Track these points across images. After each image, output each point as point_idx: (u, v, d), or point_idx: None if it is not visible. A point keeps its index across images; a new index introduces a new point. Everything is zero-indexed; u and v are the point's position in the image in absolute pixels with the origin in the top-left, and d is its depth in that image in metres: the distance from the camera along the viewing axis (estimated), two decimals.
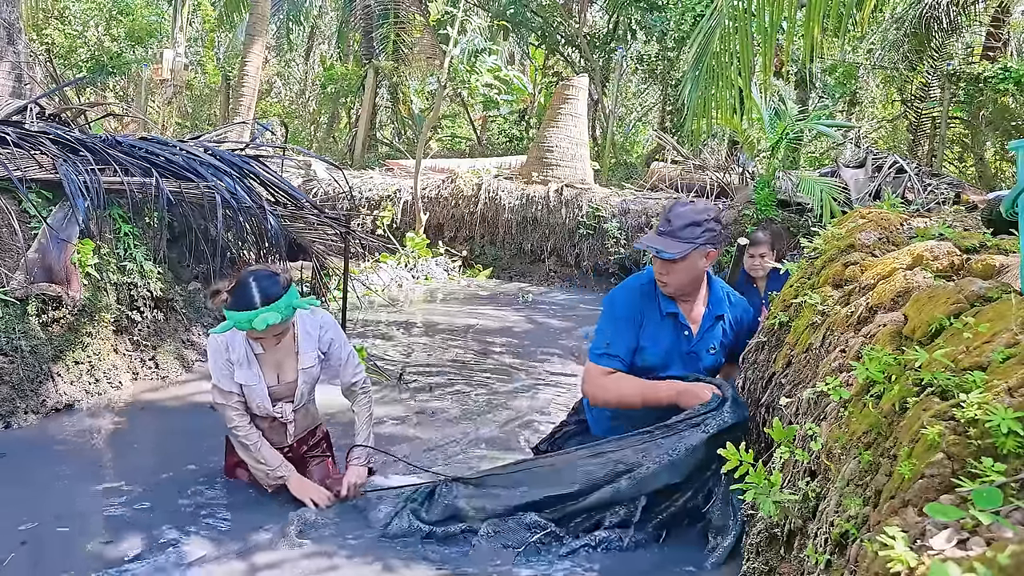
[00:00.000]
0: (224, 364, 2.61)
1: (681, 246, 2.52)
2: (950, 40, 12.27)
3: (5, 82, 4.92)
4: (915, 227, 2.64)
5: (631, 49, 15.33)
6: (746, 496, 1.70)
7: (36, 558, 2.27)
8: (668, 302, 2.68)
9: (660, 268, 2.60)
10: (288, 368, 2.70)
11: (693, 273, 2.62)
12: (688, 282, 2.64)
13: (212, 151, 4.88)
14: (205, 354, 4.49)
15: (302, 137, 18.14)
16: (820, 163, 13.17)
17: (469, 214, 9.77)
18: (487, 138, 15.98)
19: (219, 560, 2.31)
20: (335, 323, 2.83)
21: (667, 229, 2.57)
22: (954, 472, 1.17)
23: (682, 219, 2.55)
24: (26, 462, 2.97)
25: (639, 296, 2.70)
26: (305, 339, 2.72)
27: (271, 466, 2.63)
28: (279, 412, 2.70)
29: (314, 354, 2.73)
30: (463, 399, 4.24)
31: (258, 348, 2.64)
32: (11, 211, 3.65)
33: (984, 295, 1.60)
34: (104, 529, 2.47)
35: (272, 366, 2.67)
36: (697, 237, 2.54)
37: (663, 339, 2.67)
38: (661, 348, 2.66)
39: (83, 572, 2.20)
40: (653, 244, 2.56)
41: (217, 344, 2.61)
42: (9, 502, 2.60)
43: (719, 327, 2.75)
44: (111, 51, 12.52)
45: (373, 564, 2.35)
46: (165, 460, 3.12)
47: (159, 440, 3.32)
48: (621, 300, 2.72)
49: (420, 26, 14.23)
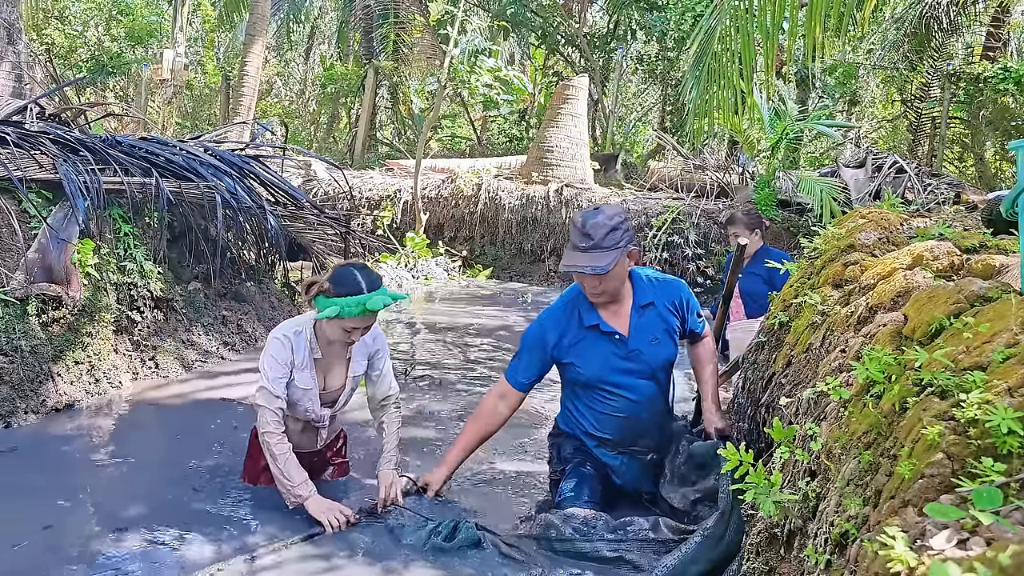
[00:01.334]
0: (284, 366, 2.55)
1: (610, 255, 2.50)
2: (950, 40, 12.28)
3: (5, 82, 4.93)
4: (915, 227, 2.64)
5: (631, 49, 15.33)
6: (746, 496, 1.70)
7: (36, 558, 2.27)
8: (590, 314, 2.68)
9: (592, 284, 2.59)
10: (337, 375, 2.71)
11: (622, 276, 2.63)
12: (621, 284, 2.64)
13: (212, 151, 4.89)
14: (205, 354, 4.51)
15: (302, 137, 18.14)
16: (820, 163, 13.17)
17: (469, 214, 9.78)
18: (487, 138, 15.99)
19: (219, 560, 2.31)
20: (383, 333, 2.83)
21: (589, 244, 2.52)
22: (954, 472, 1.17)
23: (601, 228, 2.51)
24: (26, 462, 2.97)
25: (555, 319, 2.73)
26: (359, 349, 2.72)
27: (293, 483, 2.52)
28: (319, 418, 2.70)
29: (364, 362, 2.75)
30: (465, 400, 4.24)
31: (318, 353, 2.62)
32: (11, 211, 3.65)
33: (984, 295, 1.60)
34: (104, 529, 2.47)
35: (324, 371, 2.67)
36: (619, 241, 2.52)
37: (594, 352, 2.67)
38: (595, 361, 2.67)
39: (82, 572, 2.20)
40: (582, 264, 2.52)
41: (281, 345, 2.55)
42: (9, 501, 2.60)
43: (651, 315, 2.71)
44: (111, 51, 12.52)
45: (377, 566, 2.35)
46: (165, 460, 3.12)
47: (159, 440, 3.32)
48: (535, 325, 2.78)
49: (420, 26, 14.23)
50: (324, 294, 2.48)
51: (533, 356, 2.74)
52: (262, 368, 2.55)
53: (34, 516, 2.51)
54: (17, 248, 3.58)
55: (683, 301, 2.79)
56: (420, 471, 3.14)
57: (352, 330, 2.54)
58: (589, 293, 2.65)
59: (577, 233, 2.57)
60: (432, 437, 3.58)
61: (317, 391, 2.65)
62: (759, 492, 1.63)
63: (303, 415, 2.69)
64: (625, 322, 2.68)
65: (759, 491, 1.63)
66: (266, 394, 2.52)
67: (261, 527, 2.52)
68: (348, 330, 2.53)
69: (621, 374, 2.67)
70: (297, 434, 2.73)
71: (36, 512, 2.54)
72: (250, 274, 5.23)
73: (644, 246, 8.66)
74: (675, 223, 8.58)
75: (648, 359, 2.68)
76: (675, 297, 2.77)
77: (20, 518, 2.49)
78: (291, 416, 2.69)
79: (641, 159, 15.87)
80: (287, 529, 2.51)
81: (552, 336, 2.71)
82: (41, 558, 2.26)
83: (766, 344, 2.77)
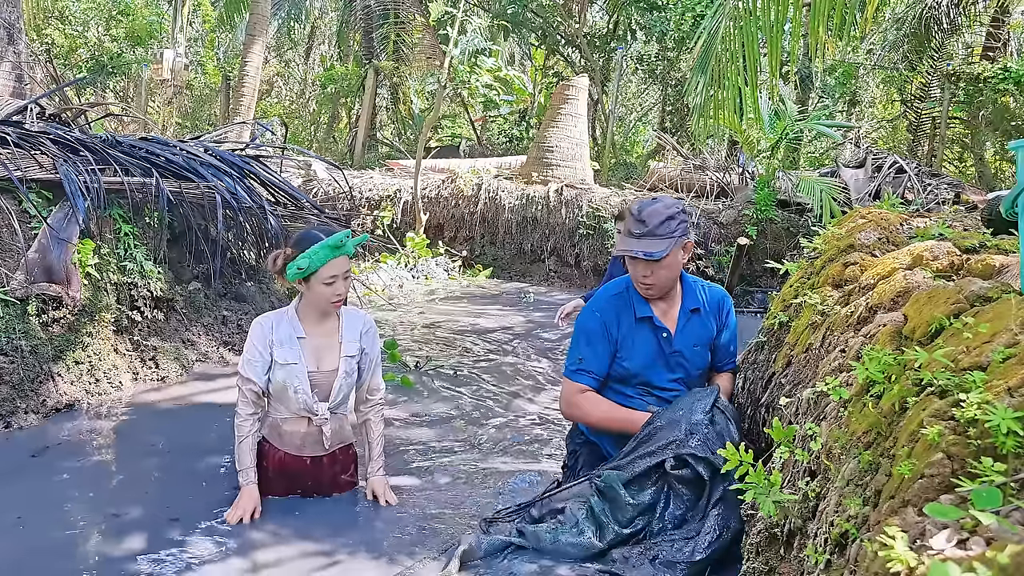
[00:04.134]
0: (262, 349, 2.59)
1: (664, 243, 2.45)
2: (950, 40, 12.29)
3: (5, 82, 4.93)
4: (915, 227, 2.64)
5: (631, 49, 15.33)
6: (746, 496, 1.70)
7: (36, 557, 2.27)
8: (642, 306, 2.61)
9: (643, 271, 2.52)
10: (329, 357, 2.68)
11: (676, 269, 2.56)
12: (672, 279, 2.58)
13: (212, 151, 4.88)
14: (205, 355, 4.51)
15: (302, 137, 18.14)
16: (820, 163, 13.18)
17: (469, 214, 9.78)
18: (487, 138, 15.99)
19: (219, 560, 2.31)
20: (374, 323, 2.84)
21: (644, 230, 2.47)
22: (954, 472, 1.17)
23: (657, 216, 2.47)
24: (26, 462, 2.97)
25: (611, 307, 2.64)
26: (349, 329, 2.71)
27: (241, 466, 2.63)
28: (316, 407, 2.65)
29: (357, 344, 2.72)
30: (466, 400, 4.24)
31: (301, 332, 2.63)
32: (11, 211, 3.65)
33: (984, 295, 1.60)
34: (104, 528, 2.47)
35: (313, 351, 2.65)
36: (674, 231, 2.47)
37: (642, 345, 2.61)
38: (641, 355, 2.61)
39: (82, 572, 2.20)
40: (637, 248, 2.46)
41: (260, 327, 2.63)
42: (9, 501, 2.60)
43: (696, 321, 2.66)
44: (111, 51, 12.52)
45: (377, 562, 2.35)
46: (165, 460, 3.12)
47: (159, 440, 3.32)
48: (592, 314, 2.65)
49: (420, 26, 14.24)
50: (289, 260, 2.54)
51: (600, 347, 2.60)
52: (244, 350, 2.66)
53: (34, 516, 2.51)
54: (17, 248, 3.58)
55: (725, 313, 2.73)
56: (420, 471, 3.15)
57: (332, 281, 2.56)
58: (639, 283, 2.57)
59: (632, 220, 2.51)
60: (433, 437, 3.58)
61: (305, 369, 2.61)
62: (759, 492, 1.63)
63: (301, 406, 2.64)
64: (674, 322, 2.63)
65: (759, 491, 1.63)
66: (240, 377, 2.63)
67: (262, 526, 2.53)
68: (328, 283, 2.56)
69: (664, 372, 2.62)
70: (300, 435, 2.70)
71: (36, 512, 2.54)
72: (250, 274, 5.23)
73: None
74: None
75: (688, 365, 2.64)
76: (719, 308, 2.72)
77: (20, 518, 2.49)
78: (291, 415, 2.67)
79: (641, 159, 15.88)
80: (287, 528, 2.52)
81: (612, 323, 2.61)
82: (41, 558, 2.26)
83: (766, 344, 2.77)
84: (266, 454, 2.71)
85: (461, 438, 3.60)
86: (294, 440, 2.70)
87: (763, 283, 8.37)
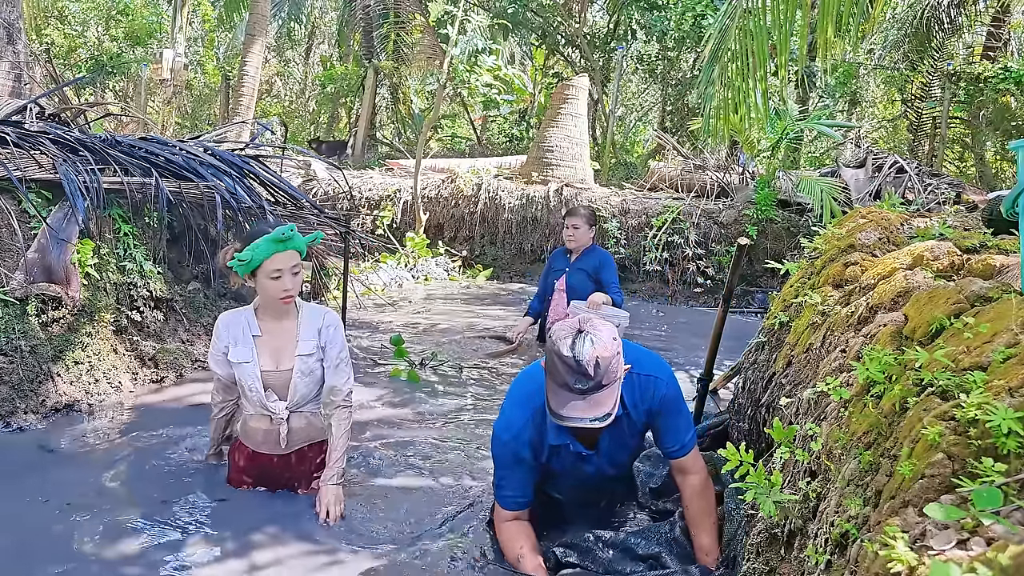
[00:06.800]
0: (220, 345, 2.64)
1: (613, 395, 2.05)
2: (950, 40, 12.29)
3: (5, 82, 4.93)
4: (915, 227, 2.64)
5: (631, 49, 15.33)
6: (746, 496, 1.70)
7: (35, 557, 2.26)
8: (555, 433, 2.26)
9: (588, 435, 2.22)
10: (286, 355, 2.63)
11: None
12: None
13: (212, 151, 4.88)
14: (205, 354, 4.51)
15: (302, 137, 18.14)
16: (820, 163, 13.18)
17: (469, 214, 9.77)
18: (487, 138, 15.99)
19: (219, 560, 2.31)
20: (340, 323, 2.76)
21: (589, 385, 2.02)
22: (954, 472, 1.17)
23: (600, 364, 2.02)
24: (25, 462, 2.97)
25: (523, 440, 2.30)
26: (307, 327, 2.65)
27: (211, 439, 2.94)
28: (272, 406, 2.61)
29: (313, 343, 2.64)
30: (469, 397, 4.24)
31: (256, 329, 2.62)
32: (11, 211, 3.64)
33: (984, 295, 1.60)
34: (103, 528, 2.46)
35: (270, 351, 2.63)
36: (617, 372, 2.08)
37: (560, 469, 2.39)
38: (561, 479, 2.46)
39: (81, 572, 2.20)
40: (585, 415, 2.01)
41: (221, 321, 2.68)
42: (8, 501, 2.60)
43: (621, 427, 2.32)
44: (110, 51, 12.53)
45: (377, 563, 2.35)
46: (165, 460, 3.12)
47: (159, 440, 3.31)
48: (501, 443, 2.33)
49: (420, 26, 14.22)
50: (238, 250, 2.54)
51: (517, 472, 2.33)
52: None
53: (34, 516, 2.50)
54: (17, 248, 3.58)
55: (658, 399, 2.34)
56: (421, 471, 3.15)
57: (277, 275, 2.52)
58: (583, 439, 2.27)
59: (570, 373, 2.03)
60: (434, 437, 3.58)
61: (256, 367, 2.59)
62: (759, 492, 1.63)
63: (258, 405, 2.62)
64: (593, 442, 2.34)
65: (759, 491, 1.63)
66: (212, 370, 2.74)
67: (261, 526, 2.52)
68: (273, 277, 2.52)
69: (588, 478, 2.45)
70: (262, 432, 2.68)
71: (36, 512, 2.53)
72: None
73: (644, 246, 8.67)
74: (675, 223, 8.58)
75: (617, 464, 2.49)
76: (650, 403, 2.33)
77: (20, 518, 2.49)
78: (254, 412, 2.67)
79: (641, 159, 15.88)
80: (287, 530, 2.51)
81: (527, 453, 2.31)
82: (40, 557, 2.26)
83: (766, 344, 2.77)
84: (238, 447, 2.77)
85: (464, 434, 3.60)
86: (256, 437, 2.70)
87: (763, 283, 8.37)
